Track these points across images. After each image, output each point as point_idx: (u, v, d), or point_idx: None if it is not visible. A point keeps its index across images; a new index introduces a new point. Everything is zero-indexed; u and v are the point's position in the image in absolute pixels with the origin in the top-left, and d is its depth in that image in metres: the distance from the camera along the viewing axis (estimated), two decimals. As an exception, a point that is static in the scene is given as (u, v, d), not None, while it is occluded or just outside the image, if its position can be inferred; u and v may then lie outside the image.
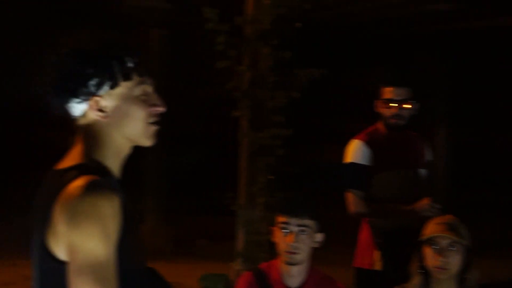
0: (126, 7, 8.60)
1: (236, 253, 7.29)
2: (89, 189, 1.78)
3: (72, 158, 1.94)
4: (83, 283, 1.75)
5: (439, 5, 9.41)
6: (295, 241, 3.18)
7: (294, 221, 3.20)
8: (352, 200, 4.18)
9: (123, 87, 1.95)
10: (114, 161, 1.97)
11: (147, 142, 2.01)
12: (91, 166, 1.89)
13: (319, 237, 3.27)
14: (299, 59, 7.00)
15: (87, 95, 1.92)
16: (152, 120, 1.99)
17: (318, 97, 10.23)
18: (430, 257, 3.16)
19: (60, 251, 1.83)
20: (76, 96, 1.92)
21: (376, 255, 4.14)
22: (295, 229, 3.20)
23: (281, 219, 3.24)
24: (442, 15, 9.87)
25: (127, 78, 1.94)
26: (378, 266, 4.13)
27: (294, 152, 6.92)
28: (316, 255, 3.32)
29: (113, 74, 1.92)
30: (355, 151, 4.21)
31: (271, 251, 6.50)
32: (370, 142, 4.21)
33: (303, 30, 6.97)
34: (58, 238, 1.82)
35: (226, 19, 6.90)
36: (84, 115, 1.95)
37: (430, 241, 3.17)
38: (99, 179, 1.82)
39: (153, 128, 2.00)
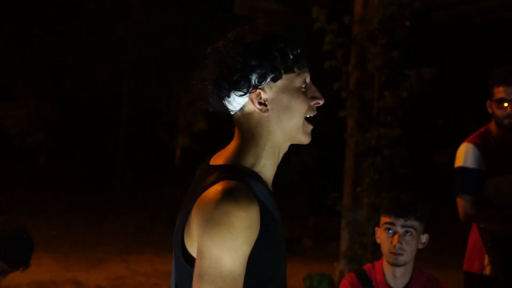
0: (236, 9, 8.67)
1: (341, 254, 7.24)
2: (226, 197, 1.73)
3: (225, 155, 1.89)
4: None
5: None
6: (400, 242, 3.12)
7: (399, 222, 3.14)
8: (463, 206, 4.04)
9: (284, 80, 1.88)
10: (269, 161, 1.90)
11: (304, 138, 1.93)
12: (237, 169, 1.83)
13: (424, 238, 3.20)
14: (413, 59, 6.87)
15: (249, 88, 1.86)
16: (312, 113, 1.92)
17: (431, 97, 10.02)
18: None
19: (193, 252, 1.80)
20: (239, 89, 1.85)
21: (486, 259, 4.00)
22: (400, 230, 3.13)
23: (386, 219, 3.18)
24: None
25: (288, 70, 1.88)
26: (487, 271, 3.99)
27: (404, 153, 6.79)
28: (429, 257, 3.23)
29: (275, 66, 1.85)
30: (465, 155, 4.05)
31: (375, 252, 6.45)
32: (481, 145, 4.04)
33: (415, 30, 6.84)
34: (192, 239, 1.79)
35: (335, 19, 6.86)
36: (242, 109, 1.90)
37: None
38: (240, 186, 1.76)
39: (310, 126, 1.93)
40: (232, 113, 1.92)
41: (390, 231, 3.15)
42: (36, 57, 18.61)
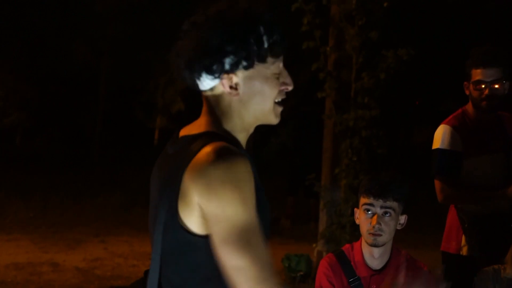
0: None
1: (319, 234, 7.27)
2: (221, 154, 1.73)
3: (199, 126, 1.89)
4: (231, 252, 1.69)
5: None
6: (379, 223, 3.12)
7: (378, 203, 3.14)
8: (440, 187, 4.04)
9: (257, 67, 1.86)
10: (241, 135, 1.91)
11: (274, 120, 1.93)
12: (220, 133, 1.84)
13: (403, 219, 3.21)
14: (390, 40, 6.88)
15: (221, 72, 1.84)
16: (281, 97, 1.92)
17: (408, 78, 10.04)
18: None
19: (192, 223, 1.77)
20: (210, 73, 1.84)
21: (463, 240, 4.02)
22: (379, 211, 3.14)
23: (365, 200, 3.18)
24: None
25: (262, 60, 1.86)
26: (464, 251, 4.01)
27: (381, 134, 6.80)
28: (406, 237, 3.23)
29: (249, 55, 1.83)
30: (442, 136, 4.04)
31: (354, 232, 6.48)
32: (458, 127, 4.02)
33: (393, 10, 6.84)
34: (191, 209, 1.76)
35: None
36: (213, 89, 1.88)
37: None
38: (228, 145, 1.76)
39: (280, 108, 1.93)
40: (202, 91, 1.91)
41: (369, 212, 3.15)
42: (12, 34, 18.39)
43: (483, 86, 3.93)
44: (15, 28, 18.11)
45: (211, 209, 1.72)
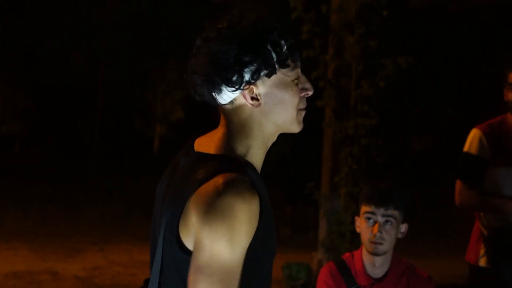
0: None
1: (319, 243, 7.26)
2: (229, 189, 1.68)
3: (214, 144, 1.84)
4: (201, 283, 1.67)
5: None
6: (380, 231, 3.11)
7: (380, 211, 3.13)
8: (459, 190, 3.94)
9: (278, 74, 1.82)
10: (259, 151, 1.86)
11: (296, 128, 1.90)
12: (233, 159, 1.78)
13: (403, 227, 3.20)
14: (390, 48, 6.88)
15: (242, 84, 1.79)
16: (303, 105, 1.88)
17: (407, 86, 10.04)
18: None
19: (189, 242, 1.75)
20: (231, 86, 1.79)
21: (482, 250, 3.96)
22: (381, 219, 3.13)
23: (366, 209, 3.17)
24: None
25: (283, 65, 1.82)
26: (482, 262, 3.92)
27: (381, 142, 6.80)
28: (405, 245, 3.22)
29: (269, 62, 1.79)
30: (471, 141, 3.92)
31: (353, 241, 6.47)
32: (490, 133, 3.89)
33: (392, 19, 6.84)
34: (189, 230, 1.74)
35: (312, 8, 6.85)
36: (232, 102, 1.83)
37: None
38: (242, 179, 1.71)
39: (303, 113, 1.89)
40: (221, 104, 1.86)
41: (370, 220, 3.14)
42: (10, 44, 18.41)
43: None
44: (13, 38, 18.13)
45: (201, 235, 1.69)
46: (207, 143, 1.87)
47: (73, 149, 21.59)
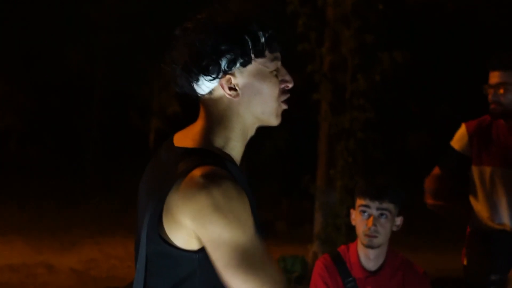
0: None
1: (314, 236, 7.26)
2: (211, 180, 1.67)
3: (193, 137, 1.84)
4: (237, 277, 1.67)
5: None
6: (375, 224, 3.11)
7: (374, 204, 3.13)
8: (432, 175, 3.96)
9: (255, 64, 1.82)
10: (238, 143, 1.86)
11: (275, 121, 1.88)
12: (212, 153, 1.79)
13: (398, 220, 3.19)
14: (386, 43, 6.88)
15: (219, 73, 1.79)
16: (284, 97, 1.87)
17: (404, 82, 10.03)
18: None
19: (179, 239, 1.74)
20: (208, 74, 1.79)
21: (464, 250, 3.91)
22: (376, 212, 3.12)
23: (361, 202, 3.16)
24: None
25: (260, 55, 1.82)
26: (464, 261, 3.92)
27: (377, 136, 6.81)
28: (401, 239, 3.21)
29: (245, 51, 1.79)
30: (456, 134, 3.89)
31: (349, 234, 6.48)
32: (473, 131, 3.81)
33: (388, 13, 6.84)
34: (178, 227, 1.73)
35: (308, 2, 6.84)
36: (211, 92, 1.83)
37: None
38: (219, 170, 1.71)
39: (283, 106, 1.88)
40: (200, 95, 1.86)
41: (365, 214, 3.14)
42: (7, 41, 18.38)
43: (490, 89, 3.72)
44: (10, 36, 18.09)
45: (207, 235, 1.69)
46: (186, 137, 1.86)
47: (70, 145, 21.55)
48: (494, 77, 3.71)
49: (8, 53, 19.02)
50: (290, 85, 1.89)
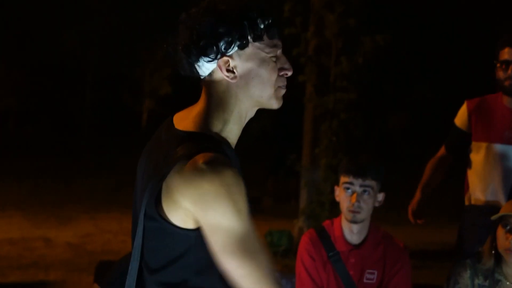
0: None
1: (300, 211, 7.28)
2: (210, 168, 1.67)
3: (193, 119, 1.83)
4: (230, 262, 1.69)
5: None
6: (358, 200, 3.11)
7: (358, 181, 3.13)
8: (436, 155, 3.96)
9: (253, 48, 1.81)
10: (234, 127, 1.85)
11: (275, 105, 1.87)
12: (211, 138, 1.78)
13: (380, 196, 3.20)
14: (368, 26, 6.86)
15: (217, 54, 1.79)
16: (282, 83, 1.86)
17: (385, 63, 10.03)
18: (501, 237, 2.89)
19: (176, 218, 1.74)
20: (206, 55, 1.78)
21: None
22: (359, 189, 3.13)
23: (345, 179, 3.16)
24: None
25: (257, 38, 1.80)
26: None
27: (359, 117, 6.81)
28: (382, 215, 3.22)
29: (243, 34, 1.78)
30: (458, 113, 3.87)
31: (332, 209, 6.49)
32: (474, 107, 3.78)
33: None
34: (177, 207, 1.73)
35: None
36: (211, 74, 1.83)
37: (504, 221, 2.89)
38: (219, 156, 1.71)
39: (282, 90, 1.87)
40: (201, 77, 1.85)
41: (349, 190, 3.14)
42: (2, 24, 18.21)
43: (507, 65, 3.62)
44: (5, 18, 17.92)
45: (206, 220, 1.70)
46: (186, 119, 1.85)
47: (65, 124, 21.47)
48: (511, 54, 3.61)
49: (3, 36, 18.87)
50: (289, 73, 1.88)
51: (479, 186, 3.76)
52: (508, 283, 2.94)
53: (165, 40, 1.87)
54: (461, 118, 3.86)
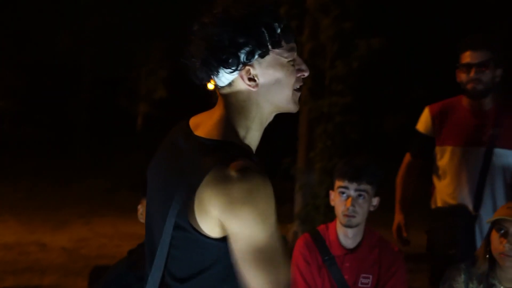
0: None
1: (294, 215, 7.28)
2: (242, 176, 1.67)
3: (215, 127, 1.81)
4: (247, 271, 1.70)
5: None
6: (353, 205, 3.11)
7: (353, 186, 3.13)
8: (404, 162, 4.03)
9: (273, 55, 1.79)
10: (257, 132, 1.85)
11: (293, 108, 1.87)
12: (238, 146, 1.78)
13: (375, 201, 3.20)
14: (363, 30, 6.87)
15: (239, 65, 1.76)
16: (299, 84, 1.86)
17: (380, 66, 10.04)
18: (495, 241, 2.90)
19: (207, 227, 1.73)
20: (228, 67, 1.76)
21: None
22: (354, 193, 3.13)
23: (340, 183, 3.16)
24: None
25: (276, 45, 1.79)
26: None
27: (354, 120, 6.82)
28: (377, 217, 3.21)
29: (262, 42, 1.76)
30: (421, 119, 3.92)
31: (327, 213, 6.49)
32: (437, 112, 3.83)
33: (367, 1, 6.83)
34: (208, 217, 1.72)
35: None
36: (231, 84, 1.81)
37: (498, 225, 2.89)
38: (250, 164, 1.71)
39: (298, 94, 1.87)
40: (219, 87, 1.84)
41: (344, 194, 3.14)
42: (-1, 24, 18.19)
43: (469, 68, 3.66)
44: (1, 18, 17.90)
45: (231, 228, 1.70)
46: (206, 126, 1.84)
47: (61, 126, 21.42)
48: (472, 57, 3.66)
49: (0, 36, 18.85)
50: (306, 74, 1.88)
51: (446, 189, 3.80)
52: (502, 287, 2.95)
53: (180, 52, 1.85)
54: (424, 123, 3.91)
